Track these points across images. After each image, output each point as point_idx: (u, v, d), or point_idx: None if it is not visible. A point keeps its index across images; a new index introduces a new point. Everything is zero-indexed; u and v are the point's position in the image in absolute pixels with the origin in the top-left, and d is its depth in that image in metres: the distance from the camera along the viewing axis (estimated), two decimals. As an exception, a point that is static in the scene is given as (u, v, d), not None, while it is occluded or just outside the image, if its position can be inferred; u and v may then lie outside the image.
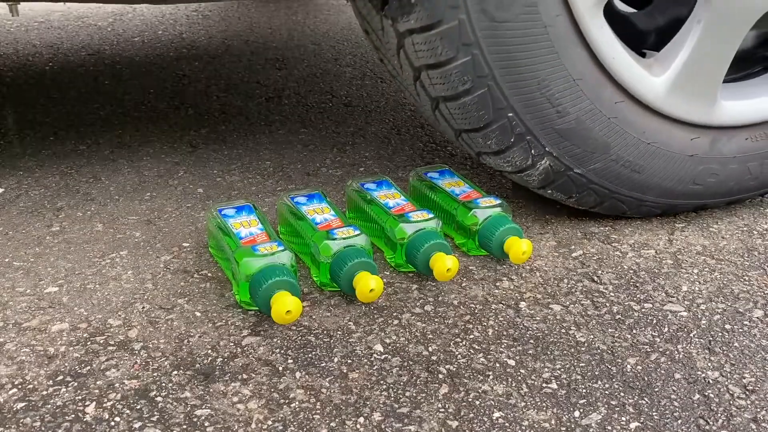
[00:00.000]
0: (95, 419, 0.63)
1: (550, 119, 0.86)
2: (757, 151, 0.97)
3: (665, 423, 0.63)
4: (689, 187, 0.95)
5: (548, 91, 0.84)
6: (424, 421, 0.63)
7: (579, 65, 0.84)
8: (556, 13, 0.81)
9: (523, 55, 0.81)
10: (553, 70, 0.83)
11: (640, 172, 0.92)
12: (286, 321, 0.73)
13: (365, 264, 0.78)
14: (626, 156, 0.90)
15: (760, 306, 0.80)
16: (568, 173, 0.90)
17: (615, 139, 0.89)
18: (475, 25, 0.79)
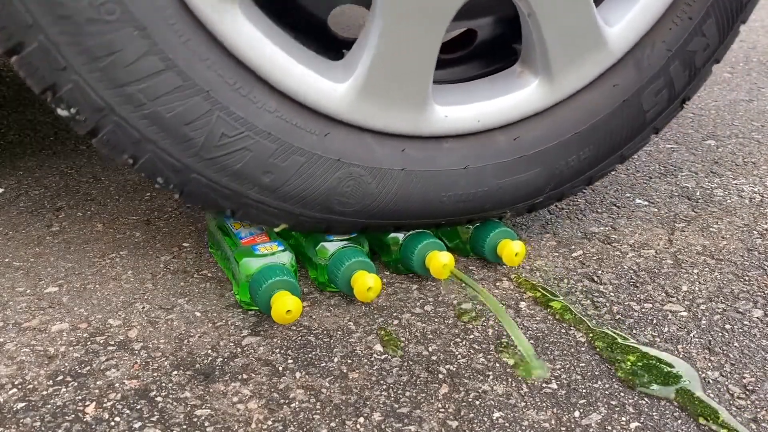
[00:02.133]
0: (95, 419, 0.63)
1: (224, 160, 0.72)
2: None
3: (665, 423, 0.63)
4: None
5: (211, 129, 0.71)
6: (424, 421, 0.63)
7: (209, 73, 0.70)
8: (170, 13, 0.67)
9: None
10: (175, 81, 0.68)
11: (346, 199, 0.78)
12: (287, 321, 0.73)
13: (363, 263, 0.78)
14: (326, 182, 0.77)
15: (760, 306, 0.80)
16: (263, 207, 0.77)
17: (308, 163, 0.76)
18: None
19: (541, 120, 0.86)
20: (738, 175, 1.14)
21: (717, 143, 1.28)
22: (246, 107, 0.72)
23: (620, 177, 1.14)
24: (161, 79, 0.68)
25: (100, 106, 0.68)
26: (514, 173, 0.85)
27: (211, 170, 0.73)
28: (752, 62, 1.80)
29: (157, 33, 0.67)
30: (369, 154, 0.79)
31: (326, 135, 0.77)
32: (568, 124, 0.87)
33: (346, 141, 0.78)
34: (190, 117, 0.70)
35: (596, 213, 1.02)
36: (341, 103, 0.76)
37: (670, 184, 1.11)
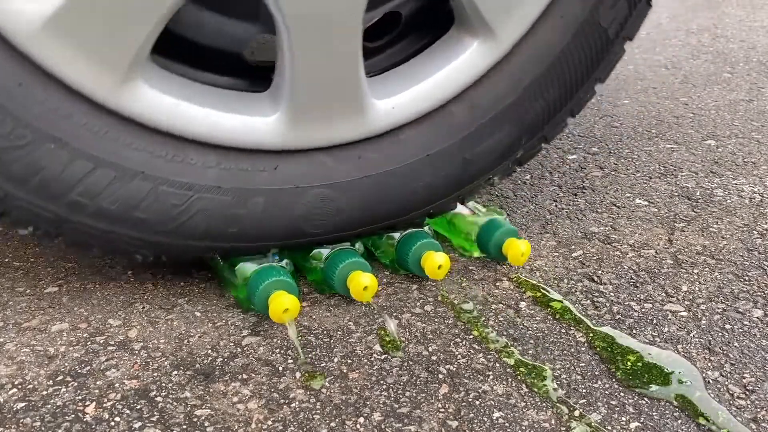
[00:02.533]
0: (95, 419, 0.63)
1: None
2: None
3: (665, 423, 0.63)
4: None
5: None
6: (424, 421, 0.63)
7: (138, 154, 0.68)
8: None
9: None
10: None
11: None
12: (284, 320, 0.73)
13: (358, 263, 0.78)
14: None
15: (760, 306, 0.80)
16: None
17: None
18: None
19: (493, 77, 0.82)
20: (738, 175, 1.14)
21: (717, 143, 1.28)
22: (187, 171, 0.71)
23: (620, 177, 1.14)
24: (95, 177, 0.68)
25: (51, 218, 0.68)
26: (483, 140, 0.83)
27: (180, 239, 0.73)
28: (752, 62, 1.80)
29: (73, 138, 0.66)
30: (326, 172, 0.77)
31: (276, 168, 0.75)
32: (525, 71, 0.82)
33: (299, 167, 0.76)
34: (136, 200, 0.70)
35: (596, 213, 1.02)
36: (277, 134, 0.74)
37: (670, 184, 1.11)
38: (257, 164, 0.74)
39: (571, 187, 1.11)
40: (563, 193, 1.09)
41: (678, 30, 2.16)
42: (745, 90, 1.59)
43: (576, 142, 1.29)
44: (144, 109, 0.68)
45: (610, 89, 1.62)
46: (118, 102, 0.67)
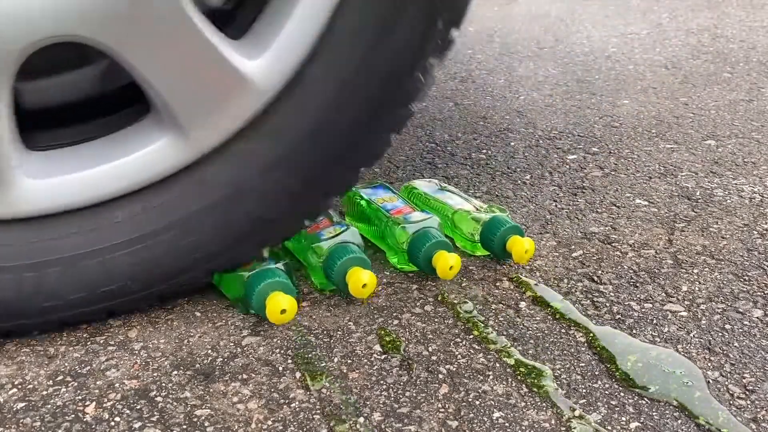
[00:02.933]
0: (95, 419, 0.63)
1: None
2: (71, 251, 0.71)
3: (665, 423, 0.63)
4: None
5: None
6: (424, 421, 0.63)
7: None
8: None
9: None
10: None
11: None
12: (282, 321, 0.73)
13: (358, 259, 0.78)
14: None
15: (760, 306, 0.80)
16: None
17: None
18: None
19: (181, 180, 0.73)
20: (738, 175, 1.14)
21: (717, 143, 1.28)
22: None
23: (620, 177, 1.14)
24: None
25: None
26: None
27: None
28: (752, 62, 1.80)
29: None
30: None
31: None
32: None
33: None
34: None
35: (596, 213, 1.02)
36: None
37: (670, 184, 1.11)
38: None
39: (571, 187, 1.11)
40: (563, 193, 1.09)
41: (678, 30, 2.16)
42: (745, 90, 1.59)
43: (576, 142, 1.30)
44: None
45: (610, 89, 1.62)
46: None
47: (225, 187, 0.73)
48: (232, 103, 0.70)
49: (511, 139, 1.32)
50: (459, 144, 1.30)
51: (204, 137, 0.71)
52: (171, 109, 0.69)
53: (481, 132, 1.36)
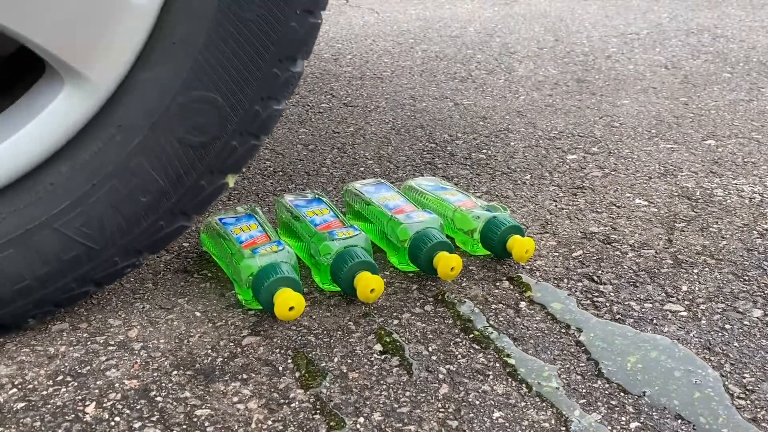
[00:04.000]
0: (95, 419, 0.63)
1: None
2: None
3: (665, 423, 0.63)
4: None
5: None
6: (424, 421, 0.63)
7: None
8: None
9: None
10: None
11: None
12: (290, 317, 0.73)
13: (366, 264, 0.78)
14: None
15: (760, 306, 0.80)
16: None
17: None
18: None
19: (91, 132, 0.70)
20: (738, 175, 1.14)
21: (717, 143, 1.28)
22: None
23: (620, 177, 1.14)
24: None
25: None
26: None
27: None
28: (752, 62, 1.80)
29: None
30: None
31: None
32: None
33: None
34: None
35: (596, 213, 1.02)
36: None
37: (670, 184, 1.11)
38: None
39: (571, 187, 1.11)
40: (563, 193, 1.09)
41: (678, 30, 2.16)
42: (745, 90, 1.59)
43: (576, 142, 1.30)
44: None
45: (610, 89, 1.62)
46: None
47: (145, 120, 0.69)
48: (119, 30, 0.66)
49: (511, 139, 1.32)
50: (459, 144, 1.30)
51: (103, 75, 0.67)
52: (57, 57, 0.65)
53: (481, 132, 1.36)
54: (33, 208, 0.70)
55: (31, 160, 0.69)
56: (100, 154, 0.70)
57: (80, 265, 0.73)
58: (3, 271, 0.71)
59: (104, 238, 0.73)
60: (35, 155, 0.69)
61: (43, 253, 0.71)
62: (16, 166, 0.69)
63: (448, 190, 0.97)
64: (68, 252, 0.72)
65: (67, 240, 0.71)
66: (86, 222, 0.71)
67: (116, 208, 0.71)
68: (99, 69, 0.67)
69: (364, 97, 1.55)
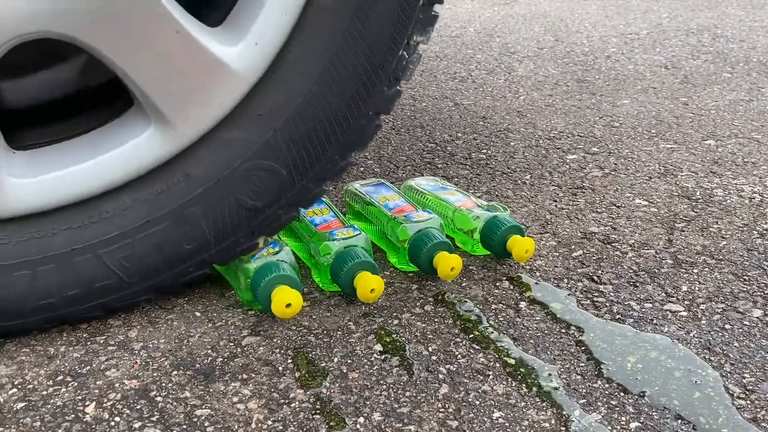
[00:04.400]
0: (95, 419, 0.63)
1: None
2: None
3: (665, 423, 0.63)
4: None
5: None
6: (424, 421, 0.63)
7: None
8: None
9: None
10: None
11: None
12: (287, 315, 0.73)
13: (366, 264, 0.78)
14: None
15: (760, 306, 0.80)
16: None
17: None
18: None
19: (168, 170, 0.73)
20: (738, 175, 1.14)
21: (717, 143, 1.28)
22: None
23: (620, 177, 1.14)
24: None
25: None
26: None
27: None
28: (752, 62, 1.80)
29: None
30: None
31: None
32: (205, 170, 0.73)
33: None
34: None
35: (596, 213, 1.02)
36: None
37: (670, 184, 1.11)
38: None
39: (571, 187, 1.11)
40: (563, 193, 1.09)
41: (678, 30, 2.16)
42: (745, 90, 1.59)
43: (576, 142, 1.30)
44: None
45: (610, 89, 1.62)
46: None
47: (213, 175, 0.73)
48: (214, 91, 0.71)
49: (511, 139, 1.32)
50: (459, 144, 1.30)
51: (188, 126, 0.71)
52: (152, 101, 0.69)
53: (481, 132, 1.36)
54: (84, 231, 0.72)
55: (102, 186, 0.72)
56: (162, 195, 0.73)
57: (107, 294, 0.75)
58: (35, 284, 0.71)
59: (138, 274, 0.75)
60: (106, 182, 0.72)
61: (78, 276, 0.72)
62: (89, 188, 0.71)
63: (447, 190, 0.97)
64: (102, 280, 0.74)
65: (105, 268, 0.73)
66: (128, 256, 0.73)
67: (160, 249, 0.74)
68: (186, 120, 0.71)
69: (364, 97, 1.55)
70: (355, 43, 0.72)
